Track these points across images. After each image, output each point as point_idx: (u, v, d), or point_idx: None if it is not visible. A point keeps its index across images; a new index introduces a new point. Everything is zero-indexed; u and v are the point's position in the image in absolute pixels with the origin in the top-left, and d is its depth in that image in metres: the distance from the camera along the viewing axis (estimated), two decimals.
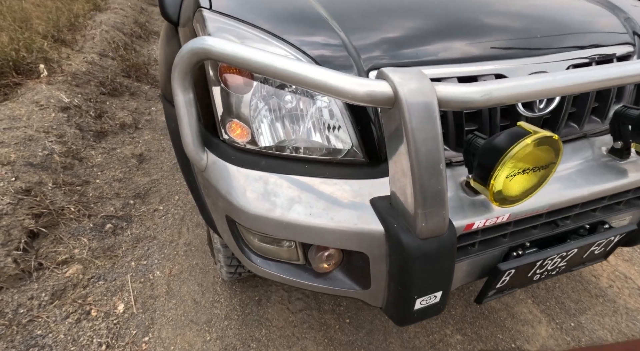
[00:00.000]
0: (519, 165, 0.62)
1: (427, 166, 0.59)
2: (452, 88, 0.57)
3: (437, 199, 0.62)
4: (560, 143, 0.63)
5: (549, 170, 0.67)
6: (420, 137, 0.56)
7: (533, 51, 0.88)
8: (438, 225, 0.65)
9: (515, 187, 0.66)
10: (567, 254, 0.87)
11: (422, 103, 0.55)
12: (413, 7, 0.91)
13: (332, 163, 0.79)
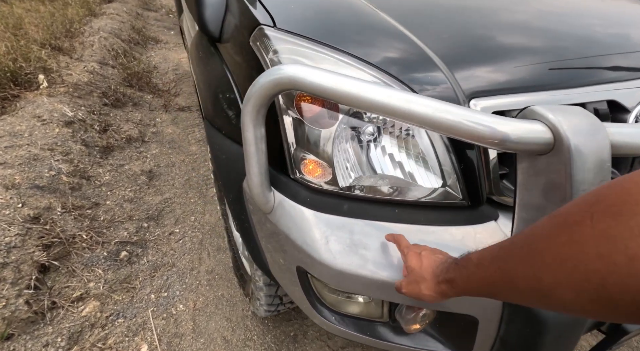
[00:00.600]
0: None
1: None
2: (625, 129, 0.46)
3: None
4: None
5: None
6: (585, 186, 0.46)
7: (632, 72, 0.78)
8: None
9: None
10: None
11: (595, 148, 0.44)
12: (508, 28, 0.81)
13: (427, 207, 0.68)
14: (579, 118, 0.45)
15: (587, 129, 0.45)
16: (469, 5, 0.91)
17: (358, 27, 0.76)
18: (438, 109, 0.48)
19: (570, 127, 0.44)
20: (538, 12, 0.92)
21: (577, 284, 0.28)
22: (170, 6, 8.74)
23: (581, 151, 0.44)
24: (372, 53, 0.69)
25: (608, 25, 0.88)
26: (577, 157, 0.44)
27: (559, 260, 0.30)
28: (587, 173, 0.44)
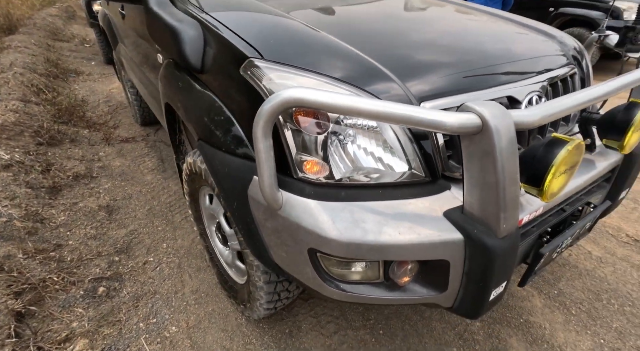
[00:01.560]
0: (562, 168, 0.80)
1: (509, 177, 0.73)
2: (521, 113, 0.73)
3: (514, 203, 0.76)
4: (583, 147, 0.83)
5: (574, 168, 0.86)
6: (505, 154, 0.71)
7: (525, 75, 1.11)
8: (513, 224, 0.79)
9: (557, 185, 0.84)
10: (574, 232, 1.09)
11: (505, 127, 0.70)
12: (435, 46, 1.08)
13: (401, 185, 0.90)
14: (495, 108, 0.70)
15: (500, 114, 0.70)
16: (406, 30, 1.18)
17: (327, 54, 0.96)
18: (409, 110, 0.69)
19: (491, 114, 0.69)
20: (462, 33, 1.23)
21: None
22: (83, 35, 8.23)
23: (498, 129, 0.69)
24: (342, 73, 0.90)
25: (501, 41, 1.22)
26: (496, 132, 0.69)
27: None
28: (503, 142, 0.69)
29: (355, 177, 0.88)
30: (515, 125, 0.72)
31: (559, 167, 0.80)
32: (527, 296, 1.65)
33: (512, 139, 0.71)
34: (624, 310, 1.58)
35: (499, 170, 0.72)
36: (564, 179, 0.86)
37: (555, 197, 0.87)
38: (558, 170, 0.80)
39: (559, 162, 0.78)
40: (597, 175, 1.13)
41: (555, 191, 0.85)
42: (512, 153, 0.72)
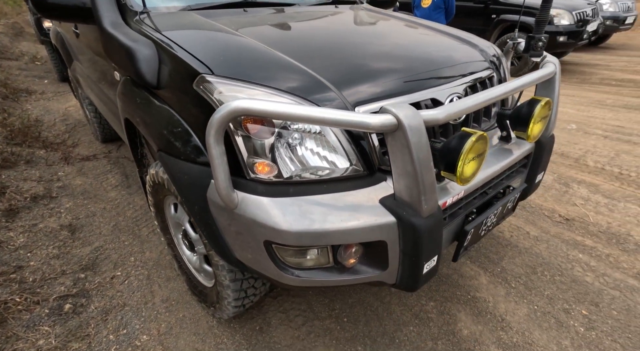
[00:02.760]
0: (470, 155, 0.97)
1: (424, 166, 0.88)
2: (428, 112, 0.88)
3: (431, 187, 0.92)
4: (487, 138, 1.00)
5: (483, 156, 1.04)
6: (418, 148, 0.86)
7: (447, 79, 1.28)
8: (433, 205, 0.94)
9: (469, 170, 1.00)
10: (497, 211, 1.27)
11: (416, 125, 0.85)
12: (366, 56, 1.23)
13: (343, 179, 1.03)
14: (407, 109, 0.85)
15: (411, 114, 0.85)
16: (344, 44, 1.32)
17: (273, 68, 1.08)
18: (339, 114, 0.83)
19: (403, 114, 0.84)
20: (394, 44, 1.39)
21: None
22: (33, 53, 7.89)
23: (410, 126, 0.83)
24: (285, 84, 1.02)
25: (428, 51, 1.39)
26: (409, 129, 0.84)
27: None
28: (415, 137, 0.84)
29: (304, 174, 1.00)
30: (425, 123, 0.87)
31: (467, 155, 0.97)
32: (475, 275, 1.84)
33: (423, 134, 0.86)
34: (554, 279, 1.80)
35: (415, 160, 0.86)
36: (475, 165, 1.03)
37: (470, 181, 1.04)
38: (467, 157, 0.97)
39: (466, 151, 0.95)
40: (513, 162, 1.33)
41: (468, 176, 1.02)
42: (424, 146, 0.87)
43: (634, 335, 1.49)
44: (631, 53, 7.56)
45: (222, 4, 1.66)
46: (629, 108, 4.20)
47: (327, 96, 1.03)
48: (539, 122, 1.26)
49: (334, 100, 1.03)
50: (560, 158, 3.06)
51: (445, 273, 1.86)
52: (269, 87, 1.01)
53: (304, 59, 1.16)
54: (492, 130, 1.44)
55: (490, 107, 1.45)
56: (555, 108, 1.39)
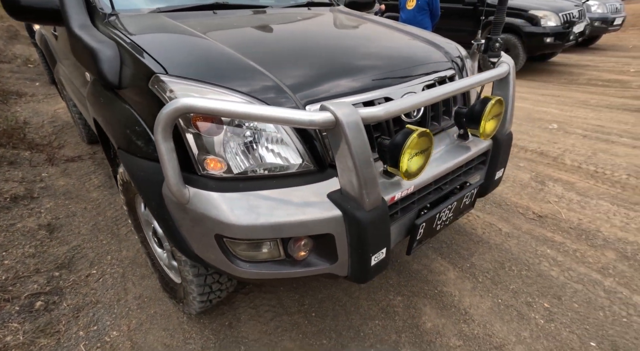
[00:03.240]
0: (413, 151, 1.01)
1: (363, 161, 0.92)
2: (367, 110, 0.92)
3: (372, 181, 0.95)
4: (431, 134, 1.04)
5: (429, 151, 1.07)
6: (356, 143, 0.89)
7: (402, 79, 1.32)
8: (376, 198, 0.98)
9: (414, 165, 1.04)
10: (452, 206, 1.31)
11: (353, 122, 0.88)
12: (320, 56, 1.27)
13: (293, 175, 1.06)
14: (345, 107, 0.89)
15: (349, 112, 0.89)
16: (302, 46, 1.36)
17: (227, 68, 1.12)
18: (279, 112, 0.86)
19: (341, 112, 0.87)
20: (353, 46, 1.43)
21: None
22: (27, 55, 7.90)
23: (347, 123, 0.87)
24: (238, 84, 1.06)
25: (386, 52, 1.44)
26: (346, 126, 0.88)
27: None
28: (352, 133, 0.88)
29: (254, 171, 1.04)
30: (364, 120, 0.91)
31: (410, 151, 1.00)
32: (444, 271, 1.88)
33: (361, 131, 0.90)
34: (521, 274, 1.84)
35: (354, 155, 0.90)
36: (421, 161, 1.07)
37: (416, 177, 1.08)
38: (410, 153, 1.00)
39: (408, 147, 0.98)
40: (468, 159, 1.37)
41: (414, 171, 1.06)
42: (362, 142, 0.91)
43: (592, 326, 1.53)
44: (620, 54, 7.64)
45: (193, 7, 1.70)
46: (611, 108, 4.26)
47: (279, 95, 1.07)
48: (492, 120, 1.30)
49: (284, 100, 1.06)
50: (540, 157, 3.11)
51: (415, 269, 1.90)
52: (221, 86, 1.04)
53: (262, 60, 1.19)
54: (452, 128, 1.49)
55: (451, 106, 1.49)
56: (511, 107, 1.43)
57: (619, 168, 2.81)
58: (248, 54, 1.21)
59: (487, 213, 2.36)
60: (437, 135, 1.44)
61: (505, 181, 2.75)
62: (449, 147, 1.40)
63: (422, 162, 1.07)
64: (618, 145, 3.21)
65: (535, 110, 4.27)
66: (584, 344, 1.45)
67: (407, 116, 1.28)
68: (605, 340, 1.46)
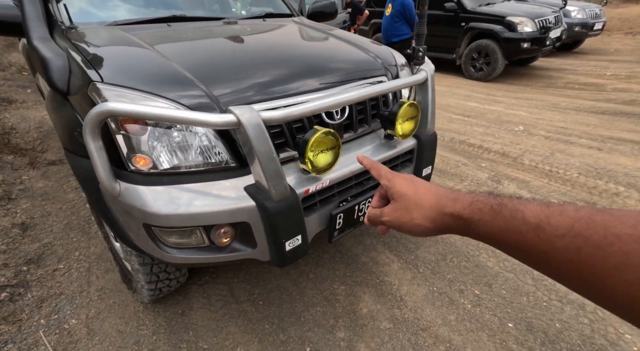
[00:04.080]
0: (317, 148, 1.14)
1: (267, 158, 1.05)
2: (267, 113, 1.06)
3: (277, 175, 1.09)
4: (337, 134, 1.18)
5: (337, 149, 1.21)
6: (259, 142, 1.03)
7: (333, 85, 1.46)
8: (283, 190, 1.11)
9: (321, 161, 1.18)
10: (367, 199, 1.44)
11: (255, 123, 1.02)
12: (246, 64, 1.41)
13: (215, 171, 1.20)
14: (247, 110, 1.03)
15: (250, 115, 1.02)
16: (238, 56, 1.51)
17: (158, 75, 1.26)
18: (190, 114, 1.00)
19: (243, 115, 1.01)
20: (282, 55, 1.57)
21: None
22: (22, 63, 8.07)
23: (249, 124, 1.01)
24: (167, 91, 1.20)
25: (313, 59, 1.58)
26: (248, 127, 1.01)
27: None
28: (254, 133, 1.02)
29: (178, 167, 1.17)
30: (265, 121, 1.05)
31: (315, 148, 1.14)
32: (388, 262, 2.01)
33: (262, 131, 1.04)
34: (460, 265, 1.96)
35: (257, 152, 1.04)
36: (329, 158, 1.20)
37: (325, 171, 1.21)
38: (314, 150, 1.14)
39: (311, 144, 1.12)
40: (393, 155, 1.50)
41: (321, 166, 1.19)
42: (264, 140, 1.04)
43: (513, 310, 1.65)
44: (600, 58, 7.82)
45: (149, 20, 1.85)
46: (578, 110, 4.41)
47: (202, 101, 1.20)
48: (408, 121, 1.44)
49: (207, 105, 1.20)
50: (501, 158, 3.25)
51: (363, 261, 2.03)
52: (150, 93, 1.18)
53: (195, 69, 1.33)
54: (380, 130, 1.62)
55: (380, 109, 1.62)
56: (431, 110, 1.57)
57: (572, 168, 2.95)
58: (184, 64, 1.35)
59: None
60: (366, 136, 1.58)
61: (464, 179, 2.89)
62: (376, 145, 1.53)
63: (331, 159, 1.21)
64: (575, 146, 3.35)
65: (506, 113, 4.42)
66: (503, 325, 1.58)
67: (330, 118, 1.41)
68: (523, 321, 1.59)
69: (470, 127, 4.04)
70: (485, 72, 6.38)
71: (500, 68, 6.26)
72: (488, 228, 0.40)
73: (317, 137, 1.13)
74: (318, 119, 1.36)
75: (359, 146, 1.51)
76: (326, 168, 1.21)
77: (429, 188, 0.50)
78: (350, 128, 1.51)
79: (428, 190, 0.49)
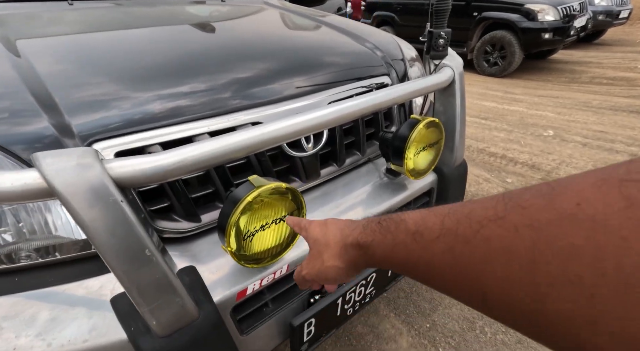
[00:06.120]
0: (254, 223, 0.58)
1: (126, 259, 0.49)
2: (131, 162, 0.49)
3: (160, 289, 0.52)
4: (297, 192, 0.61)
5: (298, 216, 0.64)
6: (101, 230, 0.46)
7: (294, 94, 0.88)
8: (177, 315, 0.55)
9: (261, 243, 0.61)
10: (367, 280, 0.87)
11: (89, 189, 0.45)
12: (135, 66, 0.83)
13: (61, 263, 0.63)
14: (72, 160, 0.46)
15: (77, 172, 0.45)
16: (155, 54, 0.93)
17: None
18: None
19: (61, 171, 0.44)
20: (220, 50, 1.00)
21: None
22: None
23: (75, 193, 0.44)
24: None
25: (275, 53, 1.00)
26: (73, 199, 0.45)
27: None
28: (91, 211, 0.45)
29: None
30: (118, 181, 0.48)
31: (249, 224, 0.57)
32: (395, 336, 1.44)
33: (108, 203, 0.47)
34: (495, 339, 1.39)
35: (102, 249, 0.47)
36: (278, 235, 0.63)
37: (272, 261, 0.64)
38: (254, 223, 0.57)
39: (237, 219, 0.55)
40: (399, 204, 0.93)
41: (261, 252, 0.62)
42: (119, 225, 0.47)
43: None
44: (626, 49, 7.13)
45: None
46: (615, 110, 3.78)
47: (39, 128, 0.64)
48: (425, 151, 0.87)
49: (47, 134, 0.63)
50: (531, 171, 2.65)
51: (359, 332, 1.46)
52: None
53: (62, 79, 0.76)
54: (380, 158, 1.05)
55: (381, 127, 1.04)
56: (460, 129, 0.99)
57: None
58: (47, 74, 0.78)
59: None
60: (363, 167, 1.01)
61: None
62: (374, 187, 0.96)
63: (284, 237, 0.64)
64: (624, 156, 2.74)
65: (529, 114, 3.81)
66: None
67: (298, 148, 0.84)
68: None
69: (489, 131, 3.44)
70: (501, 67, 5.73)
71: (518, 62, 5.61)
72: (381, 249, 0.34)
73: (255, 200, 0.56)
74: (276, 149, 0.80)
75: (347, 187, 0.94)
76: (274, 255, 0.64)
77: (337, 223, 0.43)
78: (331, 159, 0.94)
79: (335, 226, 0.42)
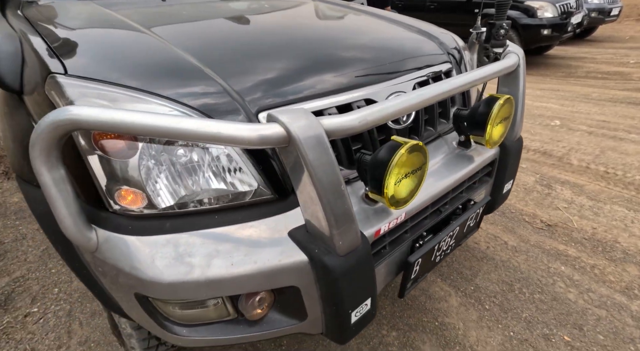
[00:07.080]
0: (401, 172, 0.74)
1: (330, 190, 0.65)
2: (335, 120, 0.65)
3: (346, 217, 0.68)
4: (425, 148, 0.78)
5: (423, 170, 0.81)
6: (318, 166, 0.62)
7: (388, 76, 1.05)
8: (352, 239, 0.71)
9: (403, 190, 0.78)
10: (454, 232, 1.05)
11: (314, 137, 0.62)
12: (282, 49, 1.00)
13: (243, 207, 0.79)
14: (302, 116, 0.62)
15: (307, 124, 0.62)
16: (258, 39, 1.09)
17: (154, 65, 0.84)
18: (198, 124, 0.59)
19: (294, 124, 0.60)
20: (323, 37, 1.16)
21: None
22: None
23: (305, 139, 0.60)
24: (163, 85, 0.78)
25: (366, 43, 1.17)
26: (304, 144, 0.61)
27: None
28: (312, 153, 0.61)
29: (186, 203, 0.76)
30: (330, 133, 0.64)
31: (398, 171, 0.74)
32: (445, 296, 1.62)
33: (325, 149, 0.63)
34: (533, 297, 1.59)
35: (316, 182, 0.63)
36: (412, 183, 0.80)
37: (406, 204, 0.81)
38: (397, 174, 0.74)
39: (395, 166, 0.72)
40: (472, 172, 1.11)
41: (403, 197, 0.79)
42: (328, 165, 0.64)
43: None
44: (617, 45, 7.44)
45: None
46: (614, 101, 4.03)
47: (218, 100, 0.79)
48: (500, 124, 1.04)
49: (229, 107, 0.79)
50: (543, 157, 2.86)
51: (413, 294, 1.64)
52: (141, 90, 0.77)
53: (208, 57, 0.92)
54: (449, 134, 1.22)
55: (449, 106, 1.22)
56: (521, 107, 1.17)
57: (632, 168, 2.57)
58: (191, 50, 0.94)
59: (490, 223, 2.10)
60: (433, 142, 1.18)
61: None
62: (448, 157, 1.13)
63: (414, 185, 0.81)
64: (627, 143, 2.98)
65: (535, 106, 4.03)
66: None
67: (395, 122, 1.01)
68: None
69: None
70: None
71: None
72: None
73: (403, 155, 0.72)
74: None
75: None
76: (408, 199, 0.81)
77: None
78: (414, 133, 1.11)
79: None
